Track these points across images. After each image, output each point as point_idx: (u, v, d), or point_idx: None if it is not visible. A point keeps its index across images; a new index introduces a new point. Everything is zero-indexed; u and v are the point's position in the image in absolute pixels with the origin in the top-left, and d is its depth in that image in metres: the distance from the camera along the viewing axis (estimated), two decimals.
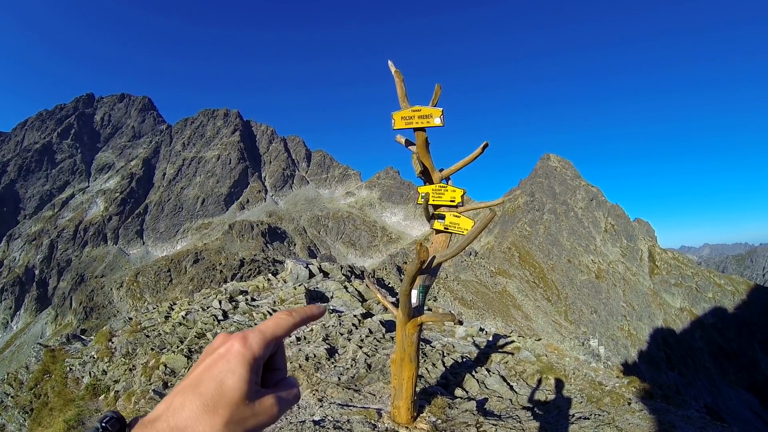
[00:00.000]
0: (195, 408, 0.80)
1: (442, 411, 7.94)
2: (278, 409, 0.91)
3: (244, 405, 0.84)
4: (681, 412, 10.44)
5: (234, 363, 0.85)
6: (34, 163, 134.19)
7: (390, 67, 6.45)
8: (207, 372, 0.85)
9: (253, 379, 0.87)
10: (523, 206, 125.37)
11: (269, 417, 0.88)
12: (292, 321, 0.98)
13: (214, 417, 0.80)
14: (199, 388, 0.83)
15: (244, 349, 0.87)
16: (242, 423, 0.83)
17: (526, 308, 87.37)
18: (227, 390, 0.83)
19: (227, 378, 0.84)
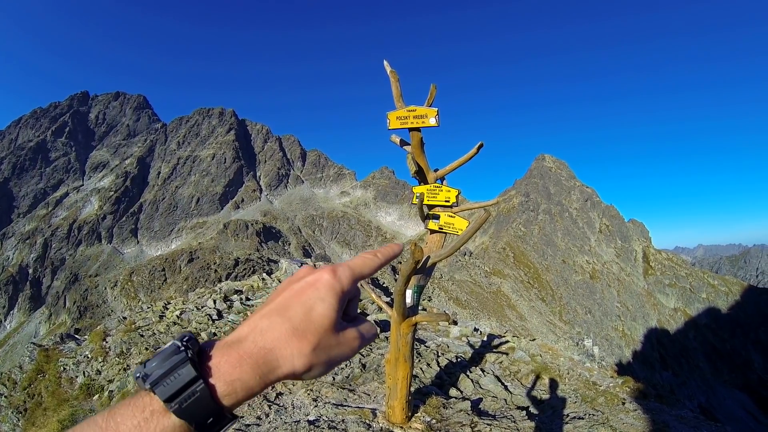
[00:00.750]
0: (283, 331, 0.80)
1: (436, 411, 7.94)
2: (359, 343, 0.91)
3: (331, 334, 0.85)
4: (675, 411, 10.46)
5: (324, 291, 0.86)
6: (28, 161, 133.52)
7: (385, 66, 6.44)
8: (296, 298, 0.86)
9: (340, 310, 0.88)
10: (518, 206, 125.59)
11: (350, 349, 0.89)
12: (377, 261, 0.99)
13: (302, 341, 0.80)
14: (287, 312, 0.83)
15: (334, 280, 0.88)
16: (327, 351, 0.84)
17: (521, 308, 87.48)
18: (316, 316, 0.83)
19: (317, 305, 0.84)
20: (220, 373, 0.76)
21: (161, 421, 0.69)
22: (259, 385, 0.78)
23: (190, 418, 0.71)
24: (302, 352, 0.80)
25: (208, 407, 0.73)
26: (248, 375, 0.76)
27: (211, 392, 0.74)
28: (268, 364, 0.78)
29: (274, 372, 0.79)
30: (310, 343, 0.81)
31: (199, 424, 0.72)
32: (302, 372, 0.82)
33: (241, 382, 0.76)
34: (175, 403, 0.70)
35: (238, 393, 0.76)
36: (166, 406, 0.71)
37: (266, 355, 0.78)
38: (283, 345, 0.79)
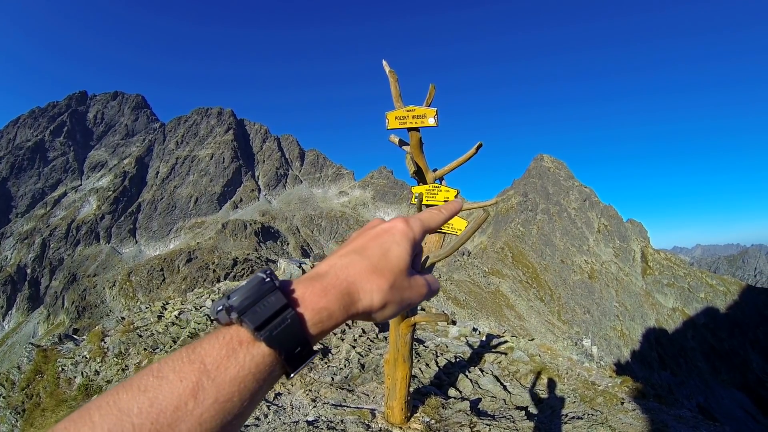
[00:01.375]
0: (364, 267, 0.83)
1: (435, 411, 7.94)
2: (426, 290, 0.94)
3: (404, 275, 0.88)
4: (673, 411, 10.47)
5: (399, 237, 0.90)
6: (26, 161, 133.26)
7: (384, 66, 6.44)
8: (372, 241, 0.89)
9: (412, 256, 0.92)
10: (516, 206, 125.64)
11: (419, 295, 0.91)
12: (443, 216, 1.06)
13: (381, 278, 0.83)
14: (365, 252, 0.87)
15: (407, 228, 0.93)
16: (400, 291, 0.86)
17: (519, 308, 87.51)
18: (393, 257, 0.87)
19: (393, 248, 0.88)
20: (306, 303, 0.76)
21: (250, 351, 0.69)
22: (342, 316, 0.79)
23: (280, 347, 0.71)
24: (381, 288, 0.82)
25: (297, 336, 0.73)
26: (334, 305, 0.78)
27: (300, 320, 0.74)
28: (350, 296, 0.80)
29: (355, 305, 0.80)
30: (387, 281, 0.83)
31: (288, 354, 0.72)
32: (378, 307, 0.83)
33: (328, 312, 0.77)
34: (265, 331, 0.70)
35: (324, 322, 0.77)
36: (254, 335, 0.70)
37: (349, 287, 0.80)
38: (363, 279, 0.82)
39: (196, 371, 0.63)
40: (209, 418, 0.60)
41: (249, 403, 0.67)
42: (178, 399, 0.59)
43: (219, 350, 0.67)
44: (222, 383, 0.63)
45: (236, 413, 0.64)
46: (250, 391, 0.66)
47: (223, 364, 0.65)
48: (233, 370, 0.65)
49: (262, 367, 0.69)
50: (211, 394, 0.62)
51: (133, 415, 0.56)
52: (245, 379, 0.66)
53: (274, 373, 0.72)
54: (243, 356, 0.68)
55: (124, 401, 0.58)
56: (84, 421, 0.55)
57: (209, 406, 0.61)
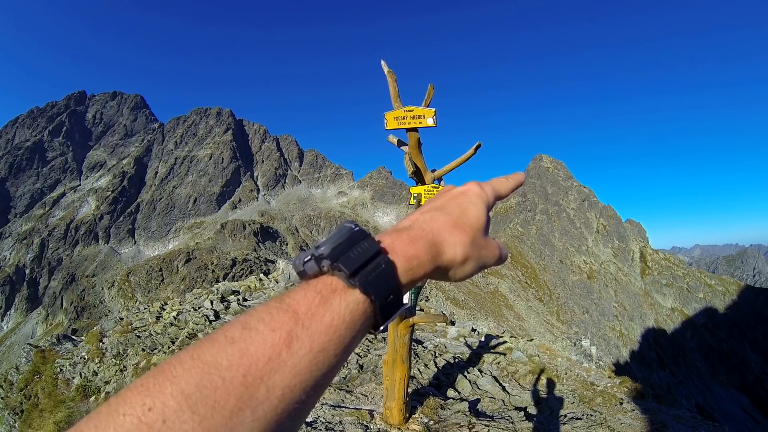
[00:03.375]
0: (446, 221, 0.84)
1: (434, 412, 7.93)
2: (499, 253, 0.96)
3: (482, 234, 0.90)
4: (672, 411, 10.47)
5: (474, 198, 0.93)
6: (24, 161, 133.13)
7: (383, 67, 6.43)
8: (451, 201, 0.91)
9: (487, 216, 0.94)
10: (515, 207, 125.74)
11: (493, 256, 0.93)
12: (510, 184, 1.09)
13: (462, 233, 0.84)
14: (445, 209, 0.88)
15: (482, 191, 0.96)
16: (479, 249, 0.88)
17: (518, 308, 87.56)
18: (471, 215, 0.89)
19: (470, 207, 0.90)
20: (397, 251, 0.76)
21: (345, 298, 0.66)
22: (431, 266, 0.78)
23: (376, 292, 0.69)
24: (463, 242, 0.83)
25: (391, 282, 0.72)
26: (422, 253, 0.77)
27: (393, 267, 0.73)
28: (436, 246, 0.80)
29: (441, 256, 0.80)
30: (468, 236, 0.85)
31: (383, 301, 0.70)
32: (460, 261, 0.83)
33: (418, 260, 0.76)
34: (360, 277, 0.68)
35: (415, 270, 0.76)
36: (348, 282, 0.68)
37: (434, 238, 0.80)
38: (447, 232, 0.82)
39: (288, 320, 0.60)
40: (303, 369, 0.58)
41: (342, 354, 0.64)
42: (272, 349, 0.56)
43: (312, 299, 0.65)
44: (316, 332, 0.61)
45: (330, 364, 0.62)
46: (344, 340, 0.64)
47: (317, 312, 0.63)
48: (327, 319, 0.63)
49: (356, 315, 0.67)
50: (306, 343, 0.59)
51: (223, 368, 0.52)
52: (340, 328, 0.63)
53: (367, 321, 0.70)
54: (338, 303, 0.65)
55: (210, 354, 0.54)
56: (166, 376, 0.51)
57: (303, 356, 0.58)
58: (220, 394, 0.50)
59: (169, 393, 0.49)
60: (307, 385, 0.58)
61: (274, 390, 0.54)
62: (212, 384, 0.50)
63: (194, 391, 0.49)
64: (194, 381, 0.50)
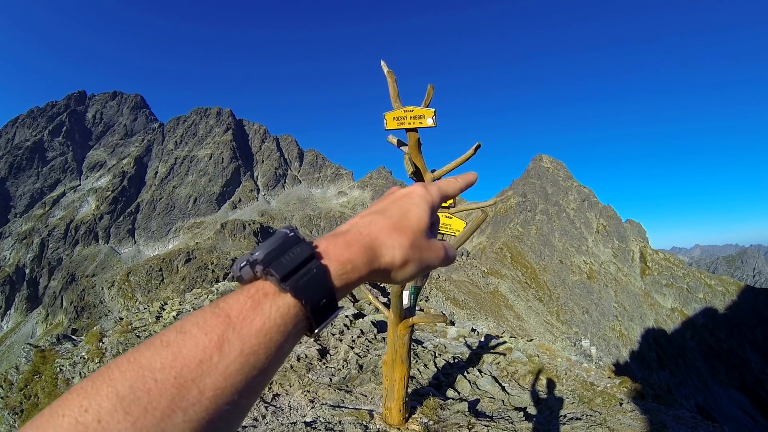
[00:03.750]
0: (385, 225, 0.85)
1: (433, 412, 7.93)
2: (444, 254, 0.96)
3: (424, 236, 0.90)
4: (672, 411, 10.47)
5: (417, 200, 0.92)
6: (24, 160, 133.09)
7: (382, 67, 6.42)
8: (393, 204, 0.92)
9: (430, 219, 0.94)
10: (515, 207, 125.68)
11: (437, 257, 0.93)
12: (459, 185, 1.09)
13: (402, 235, 0.85)
14: (386, 212, 0.89)
15: (426, 192, 0.96)
16: (420, 251, 0.88)
17: (518, 308, 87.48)
18: (412, 217, 0.89)
19: (412, 209, 0.90)
20: (331, 255, 0.77)
21: (276, 302, 0.68)
22: (366, 269, 0.79)
23: (306, 297, 0.70)
24: (402, 245, 0.84)
25: (323, 287, 0.73)
26: (357, 258, 0.78)
27: (325, 271, 0.74)
28: (373, 250, 0.80)
29: (378, 260, 0.81)
30: (408, 238, 0.85)
31: (314, 305, 0.72)
32: (399, 264, 0.84)
33: (352, 264, 0.77)
34: (291, 282, 0.70)
35: (349, 274, 0.77)
36: (280, 286, 0.70)
37: (371, 242, 0.81)
38: (385, 235, 0.83)
39: (220, 324, 0.62)
40: (234, 371, 0.59)
41: (274, 358, 0.66)
42: (203, 352, 0.58)
43: (244, 303, 0.67)
44: (247, 335, 0.63)
45: (261, 368, 0.63)
46: (275, 344, 0.66)
47: (249, 316, 0.65)
48: (259, 322, 0.65)
49: (287, 319, 0.68)
50: (237, 346, 0.61)
51: (156, 370, 0.54)
52: (270, 331, 0.65)
53: (299, 325, 0.71)
54: (269, 307, 0.67)
55: (145, 357, 0.56)
56: (103, 379, 0.53)
57: (234, 359, 0.60)
58: (152, 396, 0.52)
59: (104, 395, 0.51)
60: (238, 387, 0.60)
61: (206, 392, 0.56)
62: (145, 386, 0.52)
63: (128, 392, 0.51)
64: (129, 383, 0.52)
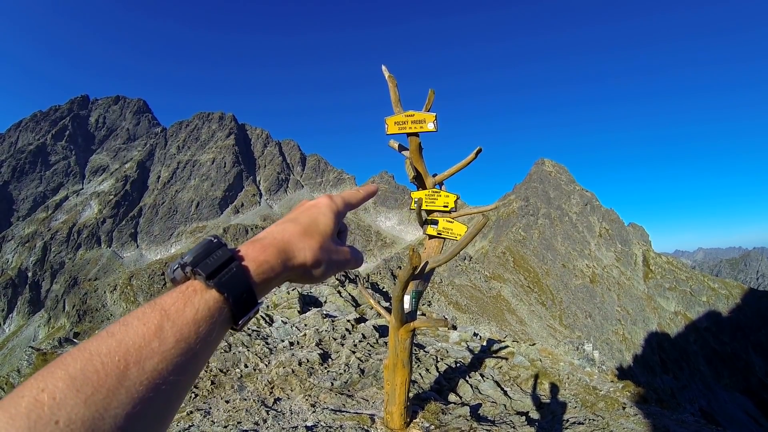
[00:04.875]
0: (296, 231, 1.01)
1: (435, 416, 7.90)
2: (351, 256, 1.14)
3: (331, 240, 1.07)
4: (676, 415, 10.43)
5: (324, 209, 1.09)
6: (27, 164, 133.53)
7: (383, 71, 6.43)
8: (303, 213, 1.08)
9: (336, 225, 1.11)
10: (517, 211, 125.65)
11: (345, 259, 1.12)
12: (360, 195, 1.26)
13: (311, 239, 1.01)
14: (297, 220, 1.04)
15: (331, 202, 1.13)
16: (329, 253, 1.05)
17: (521, 313, 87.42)
18: (320, 224, 1.05)
19: (320, 217, 1.07)
20: (249, 257, 0.91)
21: (203, 296, 0.81)
22: (281, 268, 0.95)
23: (228, 291, 0.84)
24: (312, 247, 1.00)
25: (243, 283, 0.87)
26: (273, 259, 0.93)
27: (244, 270, 0.89)
28: (287, 252, 0.96)
29: (291, 260, 0.97)
30: (317, 242, 1.01)
31: (236, 298, 0.85)
32: (312, 263, 1.00)
33: (268, 264, 0.92)
34: (215, 279, 0.83)
35: (266, 273, 0.92)
36: (206, 283, 0.83)
37: (284, 246, 0.96)
38: (297, 240, 0.99)
39: (157, 316, 0.75)
40: (171, 355, 0.72)
41: (204, 344, 0.79)
42: (143, 338, 0.71)
43: (177, 299, 0.80)
44: (181, 325, 0.75)
45: (193, 352, 0.76)
46: (204, 332, 0.79)
47: (181, 309, 0.78)
48: (190, 314, 0.78)
49: (213, 311, 0.81)
50: (172, 333, 0.74)
51: (102, 355, 0.66)
52: (200, 321, 0.78)
53: (224, 316, 0.84)
54: (197, 301, 0.80)
55: (94, 345, 0.67)
56: (57, 366, 0.63)
57: (170, 344, 0.72)
58: (100, 376, 0.63)
59: (59, 377, 0.61)
60: (174, 368, 0.72)
61: (145, 372, 0.68)
62: (94, 368, 0.63)
63: (79, 374, 0.62)
64: (79, 366, 0.63)
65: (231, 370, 10.78)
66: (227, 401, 9.08)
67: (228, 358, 11.30)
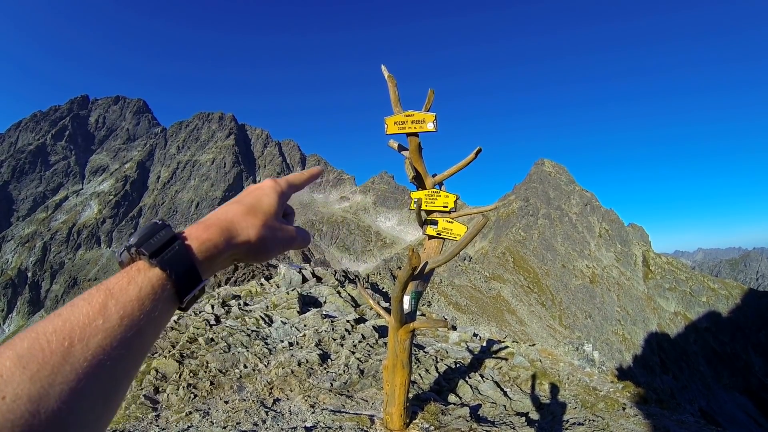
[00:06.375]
0: (240, 210, 1.04)
1: (435, 417, 7.89)
2: (296, 234, 1.16)
3: (275, 219, 1.10)
4: (676, 416, 10.43)
5: (268, 190, 1.12)
6: (27, 164, 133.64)
7: (383, 71, 6.42)
8: (247, 195, 1.10)
9: (280, 206, 1.14)
10: (517, 211, 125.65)
11: (291, 237, 1.14)
12: (304, 177, 1.29)
13: (255, 217, 1.04)
14: (241, 201, 1.07)
15: (275, 184, 1.16)
16: (274, 231, 1.08)
17: (521, 313, 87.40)
18: (264, 204, 1.08)
19: (263, 197, 1.10)
20: (192, 236, 0.94)
21: (147, 274, 0.84)
22: (225, 246, 0.97)
23: (170, 268, 0.86)
24: (255, 225, 1.03)
25: (185, 260, 0.90)
26: (216, 237, 0.96)
27: (187, 248, 0.91)
28: (230, 231, 0.98)
29: (236, 238, 0.99)
30: (260, 220, 1.04)
31: (178, 275, 0.87)
32: (255, 241, 1.03)
33: (212, 242, 0.94)
34: (159, 258, 0.85)
35: (210, 250, 0.94)
36: (149, 262, 0.86)
37: (228, 225, 0.99)
38: (240, 219, 1.02)
39: (102, 295, 0.77)
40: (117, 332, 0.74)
41: (148, 320, 0.81)
42: (87, 316, 0.73)
43: (121, 279, 0.82)
44: (125, 302, 0.78)
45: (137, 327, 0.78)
46: (149, 308, 0.81)
47: (125, 287, 0.80)
48: (134, 292, 0.80)
49: (157, 288, 0.83)
50: (116, 311, 0.76)
51: (48, 333, 0.69)
52: (144, 299, 0.80)
53: (168, 292, 0.86)
54: (141, 279, 0.82)
55: (41, 325, 0.70)
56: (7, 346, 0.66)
57: (116, 322, 0.75)
58: (45, 354, 0.66)
59: (6, 356, 0.64)
60: (119, 344, 0.74)
61: (90, 349, 0.70)
62: (40, 346, 0.66)
63: (26, 352, 0.65)
64: (27, 345, 0.66)
65: (230, 371, 10.76)
66: (226, 402, 9.07)
67: (227, 358, 11.28)
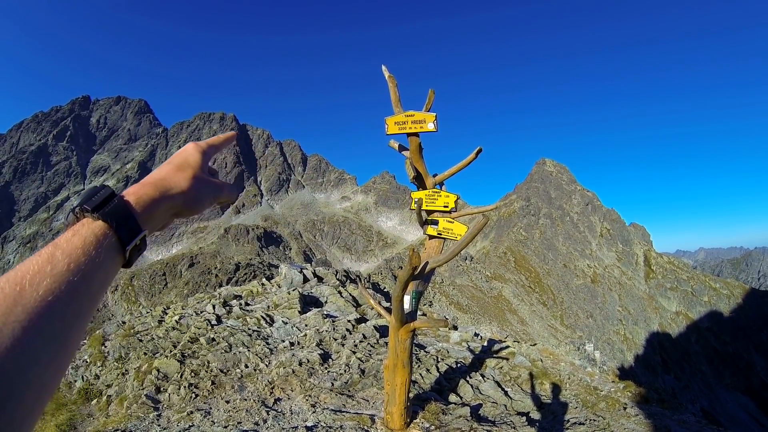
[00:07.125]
0: (169, 168, 1.17)
1: (435, 417, 7.90)
2: (225, 186, 1.31)
3: (203, 173, 1.23)
4: (677, 416, 10.42)
5: (191, 150, 1.25)
6: (29, 165, 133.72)
7: (384, 71, 6.43)
8: (175, 156, 1.23)
9: (205, 162, 1.27)
10: (518, 211, 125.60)
11: (219, 188, 1.27)
12: (222, 139, 1.41)
13: (185, 171, 1.18)
14: (170, 162, 1.20)
15: (197, 145, 1.28)
16: (203, 183, 1.21)
17: (522, 313, 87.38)
18: (191, 160, 1.21)
19: (189, 156, 1.22)
20: (130, 193, 1.04)
21: (90, 226, 0.92)
22: (161, 197, 1.09)
23: (111, 219, 0.95)
24: (186, 178, 1.16)
25: (124, 211, 0.99)
26: (151, 191, 1.07)
27: (125, 202, 1.01)
28: (164, 186, 1.11)
29: (170, 191, 1.11)
30: (189, 173, 1.18)
31: (119, 224, 0.96)
32: (188, 190, 1.16)
33: (147, 196, 1.05)
34: (100, 212, 0.94)
35: (147, 202, 1.05)
36: (92, 216, 0.95)
37: (161, 181, 1.11)
38: (171, 175, 1.15)
39: (51, 248, 0.85)
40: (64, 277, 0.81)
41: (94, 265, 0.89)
42: (37, 265, 0.80)
43: (67, 233, 0.91)
44: (71, 251, 0.86)
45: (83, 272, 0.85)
46: (94, 254, 0.89)
47: (70, 238, 0.89)
48: (78, 242, 0.89)
49: (100, 237, 0.92)
50: (63, 259, 0.84)
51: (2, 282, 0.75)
52: (88, 246, 0.89)
53: (110, 240, 0.95)
54: (85, 231, 0.91)
55: None
56: None
57: (63, 268, 0.82)
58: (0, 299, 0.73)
59: None
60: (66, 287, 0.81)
61: (39, 291, 0.77)
62: None
63: None
64: None
65: (231, 371, 10.79)
66: (227, 401, 9.09)
67: (228, 358, 11.31)
